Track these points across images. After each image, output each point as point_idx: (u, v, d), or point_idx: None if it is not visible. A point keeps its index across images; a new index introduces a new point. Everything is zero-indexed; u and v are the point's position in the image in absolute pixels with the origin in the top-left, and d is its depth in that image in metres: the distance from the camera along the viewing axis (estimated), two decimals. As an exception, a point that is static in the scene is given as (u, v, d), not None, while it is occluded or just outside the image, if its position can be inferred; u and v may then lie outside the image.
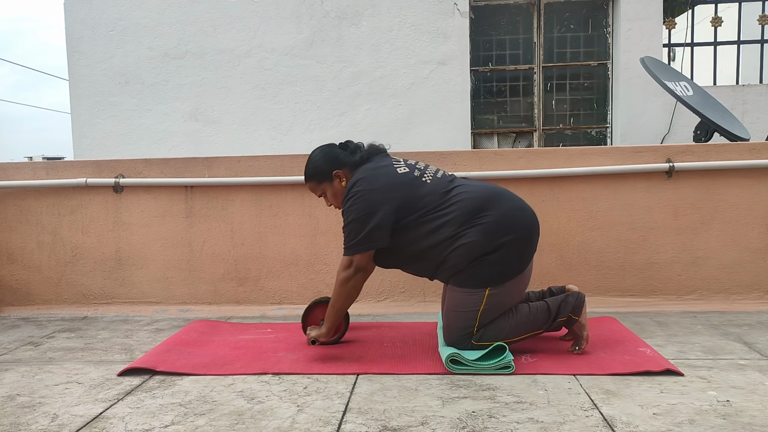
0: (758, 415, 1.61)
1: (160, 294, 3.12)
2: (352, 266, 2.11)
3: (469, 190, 2.13)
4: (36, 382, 2.04)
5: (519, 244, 2.09)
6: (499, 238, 2.05)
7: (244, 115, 5.49)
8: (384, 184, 2.10)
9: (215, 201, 3.07)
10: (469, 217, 2.06)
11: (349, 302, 2.19)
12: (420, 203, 2.08)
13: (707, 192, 2.89)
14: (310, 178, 2.28)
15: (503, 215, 2.09)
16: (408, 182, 2.11)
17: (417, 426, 1.59)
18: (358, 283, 2.14)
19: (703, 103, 3.90)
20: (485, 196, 2.12)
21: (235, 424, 1.64)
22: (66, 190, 3.13)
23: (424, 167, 2.21)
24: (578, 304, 2.15)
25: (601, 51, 5.46)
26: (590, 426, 1.57)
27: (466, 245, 2.05)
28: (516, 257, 2.09)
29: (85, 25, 5.57)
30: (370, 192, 2.08)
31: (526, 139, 5.59)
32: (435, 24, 5.30)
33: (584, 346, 2.17)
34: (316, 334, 2.21)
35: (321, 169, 2.24)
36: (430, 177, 2.16)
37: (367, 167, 2.17)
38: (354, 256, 2.10)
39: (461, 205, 2.08)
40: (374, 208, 2.05)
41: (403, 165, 2.19)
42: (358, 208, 2.07)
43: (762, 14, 5.33)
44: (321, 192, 2.28)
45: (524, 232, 2.12)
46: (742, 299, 2.89)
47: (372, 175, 2.12)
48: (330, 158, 2.24)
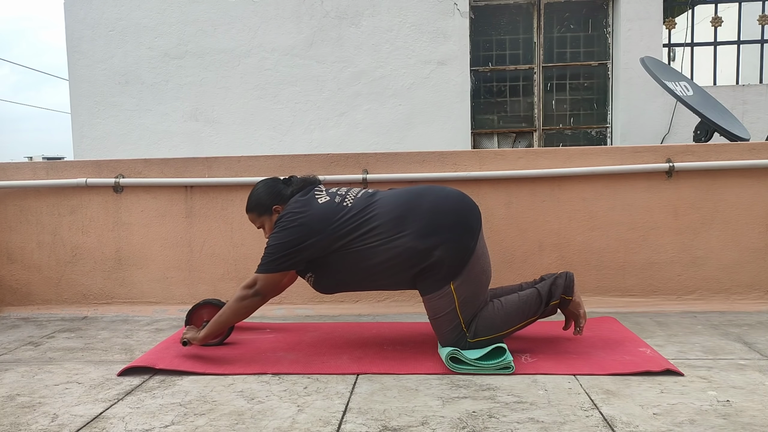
0: (758, 415, 1.61)
1: (160, 294, 3.11)
2: (254, 287, 2.15)
3: (387, 202, 2.15)
4: (36, 382, 2.04)
5: (455, 233, 2.09)
6: (431, 235, 2.06)
7: (244, 115, 5.49)
8: (307, 216, 2.13)
9: (215, 201, 3.07)
10: (394, 228, 2.08)
11: (236, 320, 2.23)
12: (342, 228, 2.11)
13: (707, 192, 2.89)
14: (251, 210, 2.33)
15: (426, 213, 2.10)
16: (329, 211, 2.14)
17: (417, 426, 1.59)
18: (251, 305, 2.17)
19: (703, 103, 3.90)
20: (404, 202, 2.14)
21: (235, 424, 1.64)
22: (66, 190, 3.13)
23: (346, 191, 2.25)
24: (568, 283, 2.16)
25: (601, 51, 5.46)
26: (590, 426, 1.57)
27: (403, 253, 2.07)
28: (458, 245, 2.08)
29: (85, 25, 5.57)
30: (293, 224, 2.13)
31: (526, 139, 5.59)
32: (435, 24, 5.30)
33: (584, 323, 2.18)
34: (191, 336, 2.20)
35: (262, 203, 2.29)
36: (351, 200, 2.19)
37: (293, 200, 2.23)
38: (260, 275, 2.14)
39: (383, 219, 2.10)
40: (294, 238, 2.11)
41: (324, 194, 2.22)
42: (280, 235, 2.13)
43: (762, 14, 5.33)
44: (260, 224, 2.33)
45: (454, 219, 2.11)
46: (742, 299, 2.89)
47: (296, 208, 2.17)
48: (272, 193, 2.29)
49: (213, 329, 2.19)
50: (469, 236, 2.12)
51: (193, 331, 2.23)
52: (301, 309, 3.02)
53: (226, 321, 2.20)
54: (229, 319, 2.20)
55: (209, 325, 2.19)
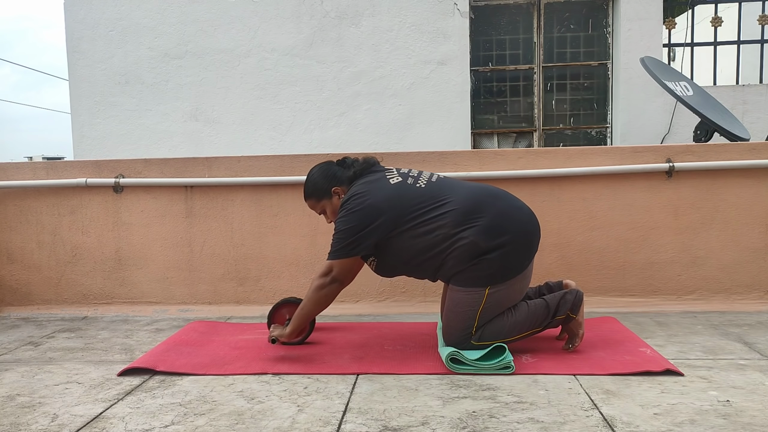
0: (758, 415, 1.61)
1: (160, 294, 3.11)
2: (330, 274, 2.13)
3: (462, 192, 2.14)
4: (36, 382, 2.04)
5: (517, 244, 2.09)
6: (496, 238, 2.06)
7: (244, 115, 5.49)
8: (376, 197, 2.11)
9: (215, 201, 3.07)
10: (463, 219, 2.07)
11: (319, 309, 2.21)
12: (414, 210, 2.09)
13: (707, 192, 2.89)
14: (310, 195, 2.30)
15: (498, 215, 2.09)
16: (401, 192, 2.13)
17: (417, 426, 1.59)
18: (331, 293, 2.16)
19: (703, 103, 3.90)
20: (479, 196, 2.13)
21: (235, 424, 1.64)
22: (66, 190, 3.13)
23: (418, 174, 2.23)
24: (577, 302, 2.16)
25: (601, 51, 5.46)
26: (590, 426, 1.57)
27: (463, 246, 2.06)
28: (515, 256, 2.10)
29: (85, 25, 5.56)
30: (362, 206, 2.10)
31: (526, 139, 5.59)
32: (435, 24, 5.30)
33: (578, 344, 2.18)
34: (278, 333, 2.21)
35: (320, 187, 2.26)
36: (425, 182, 2.18)
37: (360, 181, 2.20)
38: (335, 261, 2.12)
39: (455, 206, 2.09)
40: (364, 221, 2.08)
41: (396, 175, 2.20)
42: (348, 220, 2.10)
43: (762, 14, 5.33)
44: (321, 209, 2.31)
45: (521, 231, 2.12)
46: (742, 299, 2.89)
47: (365, 189, 2.14)
48: (328, 175, 2.27)
49: (297, 323, 2.18)
50: (528, 254, 2.14)
51: (279, 329, 2.23)
52: (301, 309, 3.02)
53: (309, 312, 2.18)
54: (311, 310, 2.18)
55: (293, 320, 2.19)
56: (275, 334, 2.21)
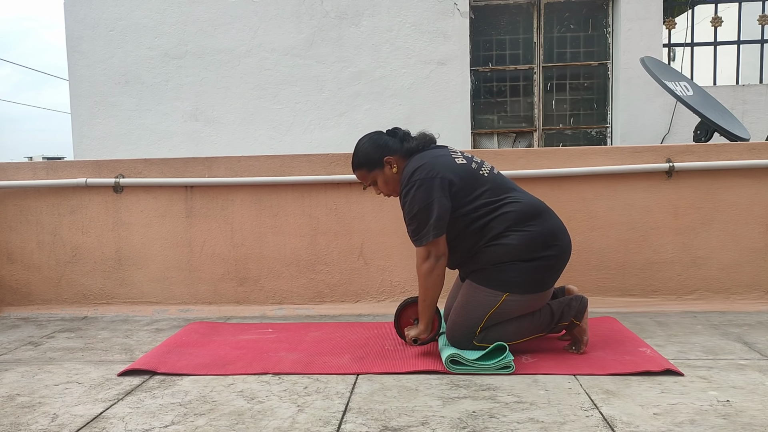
0: (758, 415, 1.61)
1: (160, 294, 3.11)
2: (431, 256, 2.07)
3: (524, 196, 2.15)
4: (36, 382, 2.04)
5: (552, 262, 2.10)
6: (537, 251, 2.07)
7: (244, 115, 5.49)
8: (443, 169, 2.07)
9: (215, 201, 3.07)
10: (519, 221, 2.07)
11: (438, 292, 2.13)
12: (477, 193, 2.08)
13: (707, 192, 2.89)
14: (360, 165, 2.22)
15: (549, 229, 2.10)
16: (467, 173, 2.11)
17: (417, 426, 1.59)
18: (441, 270, 2.10)
19: (703, 103, 3.90)
20: (538, 207, 2.14)
21: (235, 424, 1.64)
22: (66, 190, 3.13)
23: (481, 162, 2.21)
24: (581, 308, 2.16)
25: (601, 51, 5.46)
26: (590, 426, 1.57)
27: (504, 246, 2.06)
28: (545, 273, 2.10)
29: (85, 25, 5.56)
30: (431, 180, 2.04)
31: (526, 139, 5.59)
32: (435, 24, 5.30)
33: (583, 349, 2.17)
34: (415, 332, 2.17)
35: (371, 157, 2.19)
36: (487, 172, 2.16)
37: (425, 155, 2.14)
38: (428, 244, 2.06)
39: (516, 207, 2.09)
40: (436, 195, 2.03)
41: (461, 156, 2.18)
42: (421, 196, 2.03)
43: (762, 14, 5.33)
44: (372, 180, 2.23)
45: (561, 251, 2.13)
46: (742, 299, 2.89)
47: (431, 163, 2.09)
48: (380, 145, 2.20)
49: (427, 314, 2.14)
50: (556, 275, 2.15)
51: (414, 329, 2.20)
52: (301, 309, 3.02)
53: (433, 298, 2.13)
54: (433, 295, 2.12)
55: (421, 311, 2.15)
56: (413, 335, 2.18)
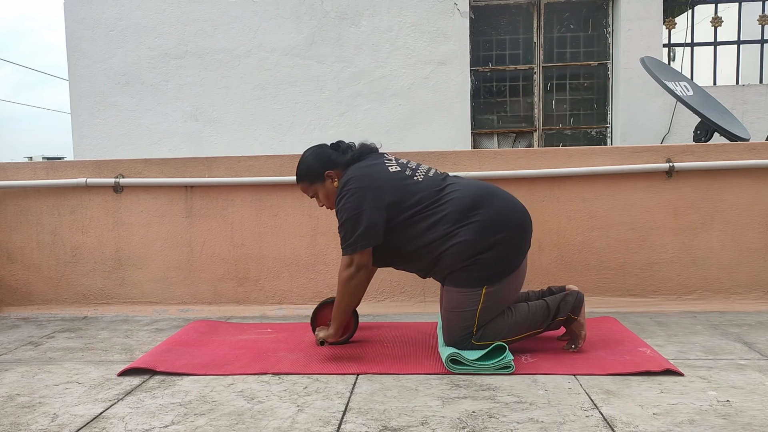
0: (758, 415, 1.61)
1: (160, 294, 3.11)
2: (353, 264, 2.10)
3: (461, 189, 2.13)
4: (36, 382, 2.04)
5: (513, 241, 2.09)
6: (492, 236, 2.06)
7: (244, 115, 5.49)
8: (374, 180, 2.10)
9: (215, 201, 3.07)
10: (461, 216, 2.06)
11: (354, 301, 2.18)
12: (411, 201, 2.08)
13: (707, 192, 2.89)
14: (302, 178, 2.27)
15: (496, 213, 2.09)
16: (399, 181, 2.11)
17: (417, 426, 1.59)
18: (361, 281, 2.12)
19: (703, 103, 3.90)
20: (477, 194, 2.12)
21: (235, 424, 1.64)
22: (66, 190, 3.13)
23: (416, 166, 2.21)
24: (577, 303, 2.15)
25: (601, 51, 5.46)
26: (590, 426, 1.57)
27: (459, 244, 2.05)
28: (510, 254, 2.10)
29: (85, 25, 5.57)
30: (362, 189, 2.07)
31: (526, 139, 5.59)
32: (435, 24, 5.30)
33: (581, 345, 2.17)
34: (324, 334, 2.20)
35: (313, 170, 2.23)
36: (422, 175, 2.16)
37: (358, 166, 2.17)
38: (353, 254, 2.09)
39: (454, 204, 2.08)
40: (367, 206, 2.05)
41: (395, 164, 2.18)
42: (351, 206, 2.06)
43: (762, 14, 5.33)
44: (313, 193, 2.28)
45: (517, 229, 2.12)
46: (742, 299, 2.89)
47: (364, 173, 2.12)
48: (322, 158, 2.24)
49: (339, 319, 2.16)
50: (521, 251, 2.14)
51: (324, 330, 2.22)
52: (301, 309, 3.02)
53: (347, 306, 2.15)
54: (348, 303, 2.14)
55: (334, 317, 2.17)
56: (321, 336, 2.20)
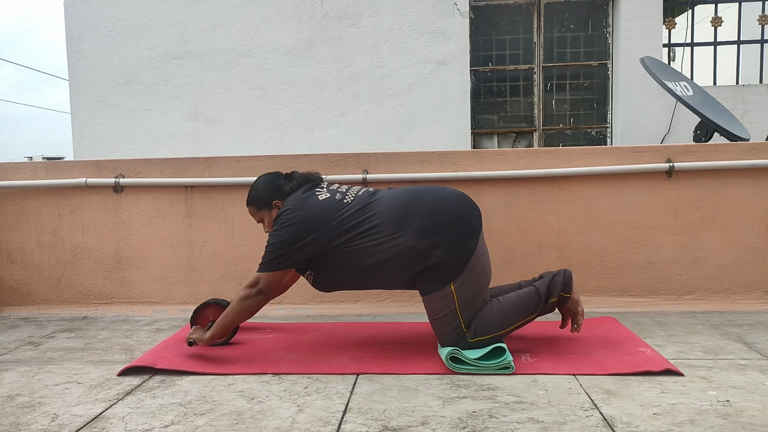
0: (758, 415, 1.61)
1: (160, 294, 3.11)
2: (256, 286, 2.15)
3: (388, 202, 2.14)
4: (36, 382, 2.04)
5: (455, 233, 2.08)
6: (432, 236, 2.06)
7: (244, 115, 5.49)
8: (306, 213, 2.13)
9: (215, 201, 3.07)
10: (395, 228, 2.07)
11: (241, 319, 2.23)
12: (343, 226, 2.10)
13: (707, 192, 2.89)
14: (251, 203, 2.33)
15: (428, 214, 2.09)
16: (328, 208, 2.14)
17: (417, 426, 1.59)
18: (255, 304, 2.17)
19: (703, 103, 3.90)
20: (404, 202, 2.13)
21: (235, 424, 1.64)
22: (66, 190, 3.13)
23: (347, 189, 2.24)
24: (567, 281, 2.15)
25: (601, 51, 5.46)
26: (590, 426, 1.57)
27: (404, 252, 2.06)
28: (458, 245, 2.08)
29: (85, 25, 5.57)
30: (292, 221, 2.12)
31: (526, 139, 5.59)
32: (435, 24, 5.30)
33: (581, 321, 2.18)
34: (197, 336, 2.21)
35: (261, 197, 2.29)
36: (352, 197, 2.18)
37: (293, 197, 2.22)
38: (262, 274, 2.14)
39: (383, 218, 2.09)
40: (294, 235, 2.10)
41: (325, 191, 2.21)
42: (279, 234, 2.13)
43: (762, 14, 5.33)
44: (259, 218, 2.33)
45: (454, 219, 2.10)
46: (742, 299, 2.89)
47: (295, 205, 2.17)
48: (272, 188, 2.29)
49: (218, 330, 2.19)
50: (470, 237, 2.11)
51: (199, 332, 2.23)
52: (301, 309, 3.02)
53: (231, 321, 2.21)
54: (233, 319, 2.20)
55: (215, 326, 2.20)
56: (194, 337, 2.20)
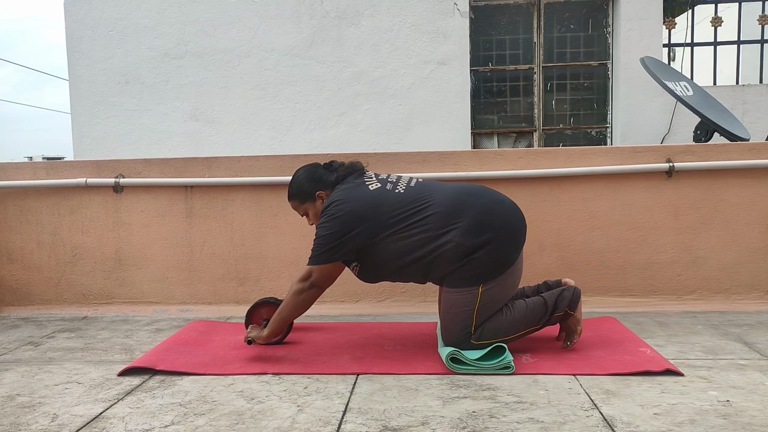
0: (758, 415, 1.61)
1: (160, 294, 3.11)
2: (309, 279, 2.14)
3: (441, 195, 2.14)
4: (36, 382, 2.04)
5: (503, 238, 2.09)
6: (480, 236, 2.05)
7: (244, 115, 5.49)
8: (356, 204, 2.11)
9: (215, 201, 3.07)
10: (445, 222, 2.07)
11: (297, 314, 2.21)
12: (394, 216, 2.09)
13: (707, 192, 2.89)
14: (294, 197, 2.31)
15: (479, 213, 2.09)
16: (380, 199, 2.12)
17: (417, 426, 1.59)
18: (310, 298, 2.17)
19: (703, 103, 3.90)
20: (458, 197, 2.13)
21: (235, 424, 1.64)
22: (66, 190, 3.13)
23: (397, 179, 2.23)
24: (574, 299, 2.16)
25: (601, 51, 5.46)
26: (590, 426, 1.57)
27: (449, 248, 2.05)
28: (503, 252, 2.09)
29: (85, 25, 5.56)
30: (342, 212, 2.10)
31: (526, 139, 5.59)
32: (435, 24, 5.30)
33: (576, 340, 2.18)
34: (255, 335, 2.21)
35: (304, 189, 2.27)
36: (403, 187, 2.17)
37: (341, 187, 2.20)
38: (314, 267, 2.13)
39: (435, 210, 2.08)
40: (344, 227, 2.08)
41: (375, 181, 2.20)
42: (329, 225, 2.11)
43: (762, 14, 5.33)
44: (303, 212, 2.32)
45: (505, 225, 2.11)
46: (742, 299, 2.89)
47: (344, 196, 2.15)
48: (314, 179, 2.27)
49: (275, 326, 2.18)
50: (514, 247, 2.13)
51: (257, 330, 2.23)
52: (301, 309, 3.02)
53: (287, 317, 2.19)
54: (289, 314, 2.18)
55: (271, 323, 2.19)
56: (252, 336, 2.21)
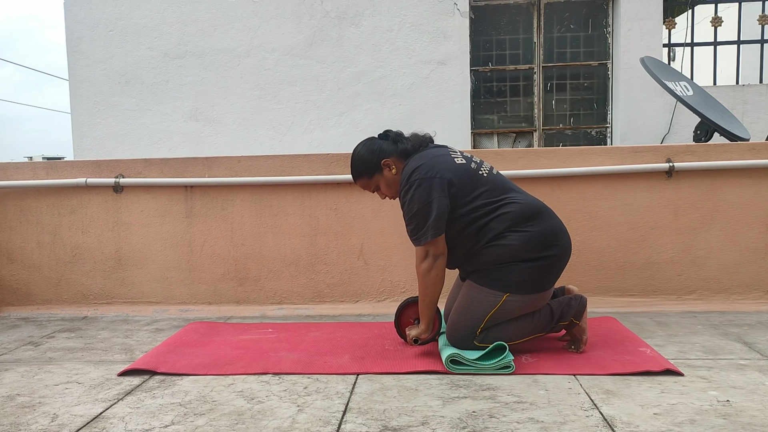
0: (758, 415, 1.61)
1: (160, 294, 3.11)
2: (429, 255, 2.08)
3: (524, 197, 2.15)
4: (36, 382, 2.04)
5: (553, 261, 2.10)
6: (537, 251, 2.06)
7: (244, 115, 5.49)
8: (444, 171, 2.07)
9: (215, 201, 3.07)
10: (518, 222, 2.07)
11: (438, 291, 2.13)
12: (475, 194, 2.07)
13: (707, 192, 2.89)
14: (361, 174, 2.24)
15: (548, 229, 2.10)
16: (465, 173, 2.10)
17: (417, 426, 1.59)
18: (440, 270, 2.09)
19: (703, 103, 3.90)
20: (537, 206, 2.14)
21: (235, 424, 1.64)
22: (66, 190, 3.13)
23: (480, 162, 2.20)
24: (580, 308, 2.16)
25: (601, 51, 5.46)
26: (590, 426, 1.57)
27: (503, 246, 2.05)
28: (545, 273, 2.10)
29: (85, 25, 5.57)
30: (430, 179, 2.05)
31: (526, 139, 5.59)
32: (435, 24, 5.30)
33: (582, 349, 2.18)
34: (416, 333, 2.18)
35: (369, 163, 2.20)
36: (486, 172, 2.16)
37: (424, 154, 2.15)
38: (426, 244, 2.06)
39: (516, 208, 2.08)
40: (436, 194, 2.03)
41: (460, 156, 2.18)
42: (420, 196, 2.04)
43: (762, 14, 5.33)
44: (374, 186, 2.25)
45: (561, 251, 2.12)
46: (742, 299, 2.89)
47: (431, 162, 2.09)
48: (374, 150, 2.21)
49: (427, 314, 2.15)
50: (555, 275, 2.14)
51: (415, 329, 2.21)
52: (301, 309, 3.02)
53: (433, 297, 2.12)
54: (432, 293, 2.11)
55: (421, 314, 2.16)
56: (414, 334, 2.18)
